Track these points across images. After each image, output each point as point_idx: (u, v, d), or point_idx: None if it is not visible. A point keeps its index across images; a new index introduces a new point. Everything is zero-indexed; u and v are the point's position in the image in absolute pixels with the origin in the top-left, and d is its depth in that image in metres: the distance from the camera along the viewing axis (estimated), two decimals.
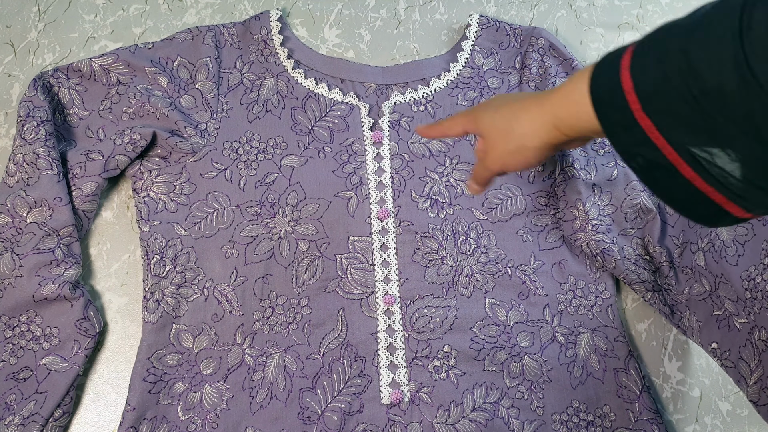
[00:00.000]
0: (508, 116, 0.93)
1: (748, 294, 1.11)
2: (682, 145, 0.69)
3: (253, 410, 1.20)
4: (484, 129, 0.98)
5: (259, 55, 1.43)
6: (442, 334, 1.26)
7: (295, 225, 1.30)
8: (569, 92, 0.82)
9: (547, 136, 0.89)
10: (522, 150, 0.93)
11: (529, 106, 0.90)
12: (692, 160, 0.69)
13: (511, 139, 0.93)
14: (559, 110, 0.85)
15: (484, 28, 1.50)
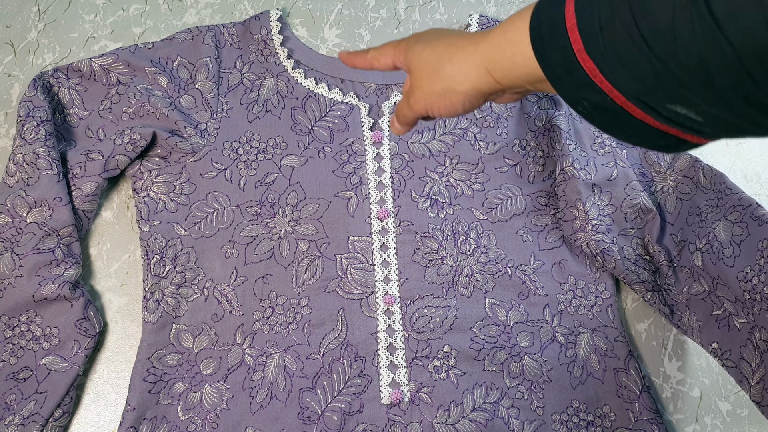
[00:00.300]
0: (440, 53, 0.84)
1: (747, 295, 1.11)
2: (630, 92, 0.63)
3: (253, 410, 1.20)
4: (412, 63, 0.90)
5: (259, 55, 1.44)
6: (442, 334, 1.26)
7: (295, 225, 1.31)
8: (506, 30, 0.75)
9: (478, 81, 0.80)
10: (448, 93, 0.84)
11: (464, 44, 0.81)
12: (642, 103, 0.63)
13: (438, 79, 0.84)
14: (493, 51, 0.77)
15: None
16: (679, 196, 1.33)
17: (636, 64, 0.60)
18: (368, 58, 1.00)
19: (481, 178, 1.37)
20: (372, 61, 1.00)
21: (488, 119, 1.41)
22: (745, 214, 1.20)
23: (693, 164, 1.36)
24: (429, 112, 0.90)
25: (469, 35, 0.83)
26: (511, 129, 1.42)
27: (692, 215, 1.29)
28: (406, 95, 0.94)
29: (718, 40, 0.53)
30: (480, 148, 1.39)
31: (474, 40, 0.80)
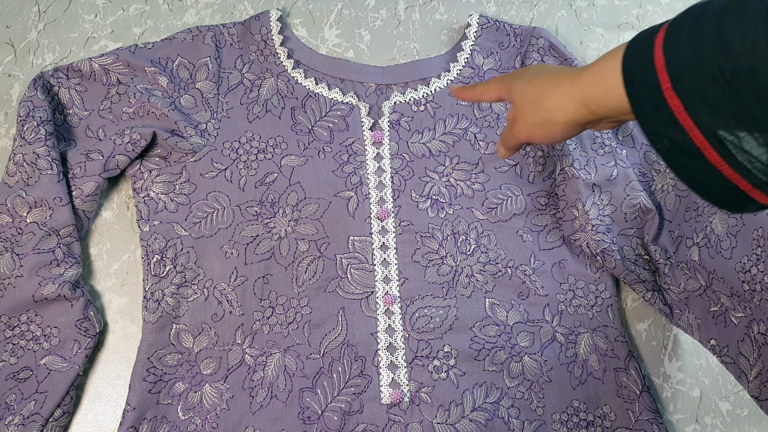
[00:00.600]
0: (539, 88, 0.93)
1: (746, 286, 1.11)
2: (710, 129, 0.68)
3: (253, 410, 1.20)
4: (515, 97, 0.99)
5: (259, 55, 1.44)
6: (442, 334, 1.26)
7: (295, 225, 1.30)
8: (600, 69, 0.82)
9: (574, 113, 0.89)
10: (548, 124, 0.93)
11: (562, 81, 0.90)
12: (719, 145, 0.68)
13: (539, 112, 0.93)
14: (588, 87, 0.85)
15: (484, 28, 1.50)
16: (678, 194, 1.33)
17: (718, 100, 0.65)
18: (476, 92, 1.11)
19: (481, 178, 1.37)
20: (479, 95, 1.11)
21: (488, 119, 1.41)
22: None
23: None
24: (530, 140, 1.01)
25: (566, 72, 0.91)
26: None
27: (689, 210, 1.29)
28: (510, 124, 1.04)
29: None
30: (480, 148, 1.39)
31: (570, 77, 0.88)
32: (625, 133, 1.41)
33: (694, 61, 0.67)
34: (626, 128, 1.41)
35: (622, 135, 1.41)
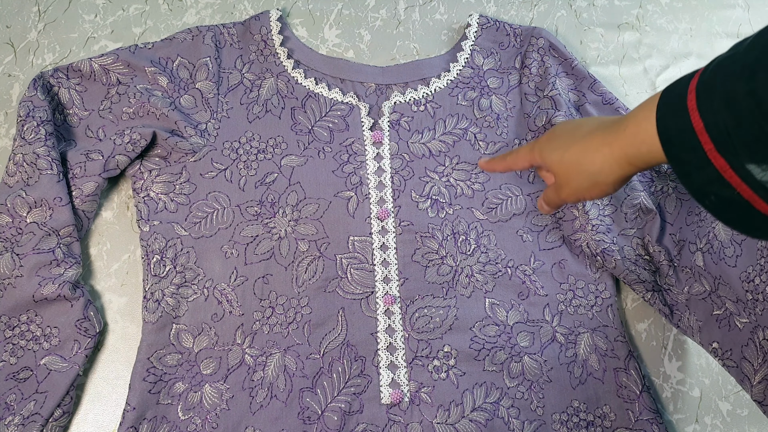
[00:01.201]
0: (578, 156, 0.97)
1: (749, 296, 1.11)
2: (757, 182, 0.69)
3: (253, 410, 1.20)
4: (554, 167, 1.03)
5: (259, 55, 1.44)
6: (442, 334, 1.26)
7: (295, 225, 1.30)
8: (637, 131, 0.85)
9: (620, 171, 0.92)
10: (598, 185, 0.97)
11: (599, 146, 0.93)
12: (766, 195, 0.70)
13: (585, 178, 0.97)
14: (629, 149, 0.87)
15: (484, 28, 1.50)
16: (678, 196, 1.33)
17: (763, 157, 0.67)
18: (507, 163, 1.18)
19: (481, 178, 1.37)
20: (511, 165, 1.18)
21: (488, 119, 1.42)
22: None
23: None
24: (580, 200, 1.05)
25: (600, 134, 0.94)
26: (511, 129, 1.42)
27: (691, 215, 1.29)
28: (555, 189, 1.08)
29: None
30: (480, 148, 1.39)
31: (607, 140, 0.92)
32: None
33: (735, 124, 0.68)
34: None
35: None
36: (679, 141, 0.76)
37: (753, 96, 0.66)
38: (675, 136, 0.77)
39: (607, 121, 0.96)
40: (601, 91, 1.44)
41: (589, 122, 1.01)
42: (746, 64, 0.68)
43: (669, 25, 1.61)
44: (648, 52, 1.58)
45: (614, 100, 1.43)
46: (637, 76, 1.56)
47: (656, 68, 1.57)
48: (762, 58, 0.67)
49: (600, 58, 1.57)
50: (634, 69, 1.56)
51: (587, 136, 0.97)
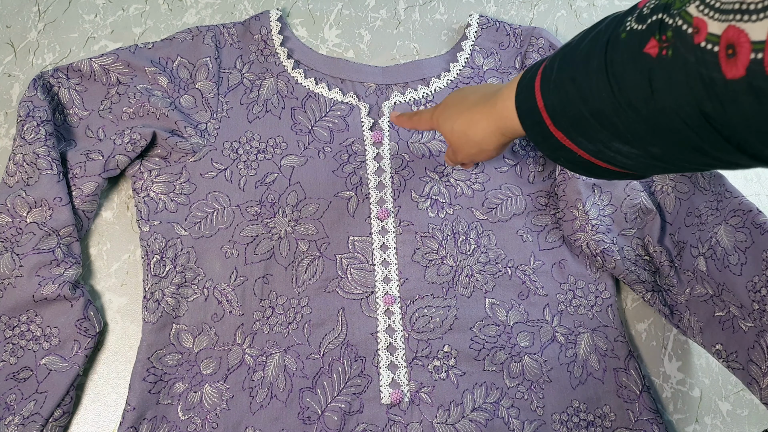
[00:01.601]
0: (464, 128, 1.09)
1: (756, 305, 1.11)
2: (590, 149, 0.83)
3: (253, 410, 1.20)
4: (446, 136, 1.15)
5: (259, 55, 1.44)
6: (442, 334, 1.26)
7: (295, 225, 1.31)
8: (504, 108, 0.98)
9: (497, 140, 1.05)
10: (482, 151, 1.11)
11: (479, 120, 1.05)
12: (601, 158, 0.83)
13: (473, 145, 1.10)
14: (498, 122, 1.01)
15: (484, 28, 1.50)
16: (678, 196, 1.33)
17: (587, 130, 0.80)
18: (412, 122, 1.26)
19: (481, 178, 1.37)
20: (415, 125, 1.26)
21: None
22: (746, 220, 1.20)
23: None
24: (473, 161, 1.19)
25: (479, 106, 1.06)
26: None
27: (690, 216, 1.29)
28: (453, 152, 1.20)
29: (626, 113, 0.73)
30: None
31: (485, 114, 1.04)
32: None
33: (563, 104, 0.82)
34: None
35: None
36: (530, 116, 0.90)
37: (574, 82, 0.79)
38: (526, 112, 0.91)
39: (487, 93, 1.07)
40: None
41: (475, 92, 1.11)
42: (574, 55, 0.81)
43: None
44: None
45: None
46: None
47: None
48: (584, 54, 0.78)
49: None
50: None
51: (471, 109, 1.08)
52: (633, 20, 0.72)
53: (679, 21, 0.64)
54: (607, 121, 0.75)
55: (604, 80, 0.73)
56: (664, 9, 0.67)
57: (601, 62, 0.74)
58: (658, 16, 0.68)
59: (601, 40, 0.76)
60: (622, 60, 0.71)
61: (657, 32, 0.67)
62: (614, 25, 0.75)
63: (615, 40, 0.73)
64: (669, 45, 0.65)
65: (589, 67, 0.76)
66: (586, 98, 0.77)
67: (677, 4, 0.66)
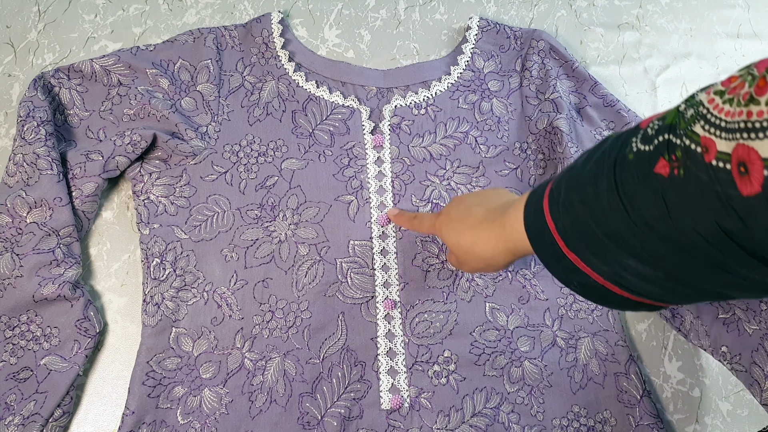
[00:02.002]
0: (471, 243, 1.06)
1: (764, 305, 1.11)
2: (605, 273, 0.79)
3: (252, 415, 1.20)
4: (452, 248, 1.11)
5: (260, 58, 1.44)
6: (442, 339, 1.26)
7: (295, 228, 1.31)
8: (512, 231, 0.96)
9: (507, 258, 1.03)
10: (491, 267, 1.07)
11: (488, 240, 1.03)
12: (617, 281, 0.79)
13: (480, 261, 1.07)
14: (509, 244, 0.99)
15: (485, 30, 1.50)
16: None
17: (602, 250, 0.77)
18: (413, 224, 1.25)
19: (482, 181, 1.37)
20: (416, 228, 1.25)
21: (489, 122, 1.42)
22: None
23: None
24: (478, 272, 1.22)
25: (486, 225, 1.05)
26: (512, 132, 1.42)
27: None
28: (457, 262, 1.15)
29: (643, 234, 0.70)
30: (481, 152, 1.39)
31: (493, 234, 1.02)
32: None
33: (575, 226, 0.80)
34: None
35: None
36: (541, 237, 0.87)
37: (584, 204, 0.77)
38: (536, 234, 0.88)
39: (493, 209, 1.05)
40: (602, 94, 1.44)
41: (479, 205, 1.10)
42: (580, 176, 0.80)
43: (669, 25, 1.61)
44: (648, 52, 1.58)
45: (615, 102, 1.43)
46: (637, 76, 1.56)
47: (656, 68, 1.57)
48: (591, 175, 0.78)
49: (600, 58, 1.57)
50: (634, 69, 1.56)
51: (478, 226, 1.06)
52: (638, 141, 0.72)
53: (686, 141, 0.64)
54: (624, 241, 0.74)
55: (616, 201, 0.73)
56: (670, 129, 0.68)
57: (611, 183, 0.74)
58: (665, 137, 0.68)
59: (608, 161, 0.76)
60: (632, 181, 0.71)
61: (666, 152, 0.67)
62: (619, 146, 0.75)
63: (623, 161, 0.73)
64: (680, 164, 0.65)
65: (598, 188, 0.76)
66: (599, 219, 0.76)
67: (682, 125, 0.66)
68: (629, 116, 1.43)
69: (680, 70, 1.57)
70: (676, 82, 1.55)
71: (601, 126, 1.42)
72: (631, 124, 1.41)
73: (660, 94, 1.54)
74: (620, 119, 1.43)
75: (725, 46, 1.60)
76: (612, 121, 1.43)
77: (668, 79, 1.55)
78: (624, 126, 1.43)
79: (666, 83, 1.55)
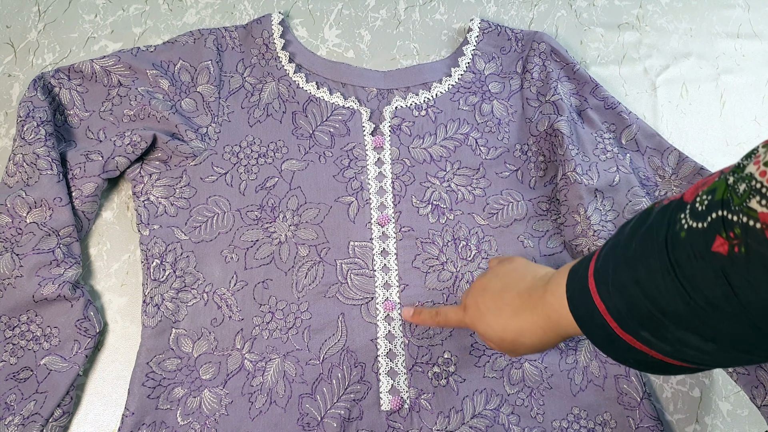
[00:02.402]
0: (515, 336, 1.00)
1: None
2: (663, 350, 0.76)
3: (252, 416, 1.20)
4: (494, 343, 1.05)
5: (261, 59, 1.44)
6: (442, 341, 1.26)
7: (295, 230, 1.31)
8: (558, 315, 0.91)
9: (551, 341, 0.97)
10: (542, 350, 1.00)
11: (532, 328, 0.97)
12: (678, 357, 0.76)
13: (528, 349, 1.00)
14: (559, 329, 0.93)
15: (486, 32, 1.50)
16: None
17: (659, 330, 0.74)
18: (437, 320, 1.18)
19: (482, 183, 1.37)
20: (441, 324, 1.19)
21: (489, 124, 1.42)
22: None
23: (699, 171, 1.38)
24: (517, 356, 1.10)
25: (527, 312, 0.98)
26: (512, 134, 1.42)
27: None
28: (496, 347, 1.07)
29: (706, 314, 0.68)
30: (481, 153, 1.39)
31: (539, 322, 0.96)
32: (629, 137, 1.41)
33: (628, 307, 0.76)
34: (630, 132, 1.41)
35: (626, 139, 1.41)
36: (589, 319, 0.83)
37: (638, 284, 0.74)
38: (584, 316, 0.85)
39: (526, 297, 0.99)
40: (603, 96, 1.44)
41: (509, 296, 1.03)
42: (627, 256, 0.77)
43: (669, 25, 1.61)
44: (648, 52, 1.58)
45: (616, 104, 1.43)
46: (637, 76, 1.56)
47: (656, 68, 1.57)
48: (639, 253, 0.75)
49: (600, 58, 1.57)
50: (634, 69, 1.56)
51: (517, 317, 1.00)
52: (688, 217, 0.70)
53: (744, 218, 0.62)
54: (685, 321, 0.71)
55: (673, 281, 0.70)
56: (723, 205, 0.66)
57: (664, 263, 0.71)
58: (719, 213, 0.66)
59: (657, 239, 0.73)
60: (689, 260, 0.68)
61: (722, 230, 0.65)
62: (667, 223, 0.73)
63: (675, 239, 0.71)
64: (740, 242, 0.63)
65: (650, 268, 0.73)
66: (655, 300, 0.73)
67: (736, 200, 0.64)
68: (630, 119, 1.43)
69: (680, 70, 1.57)
70: (676, 82, 1.55)
71: (602, 128, 1.42)
72: (632, 126, 1.41)
73: (660, 94, 1.54)
74: (621, 122, 1.43)
75: (725, 46, 1.60)
76: (613, 124, 1.43)
77: (668, 79, 1.55)
78: (624, 128, 1.42)
79: (666, 83, 1.55)
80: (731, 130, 1.51)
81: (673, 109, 1.52)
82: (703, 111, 1.53)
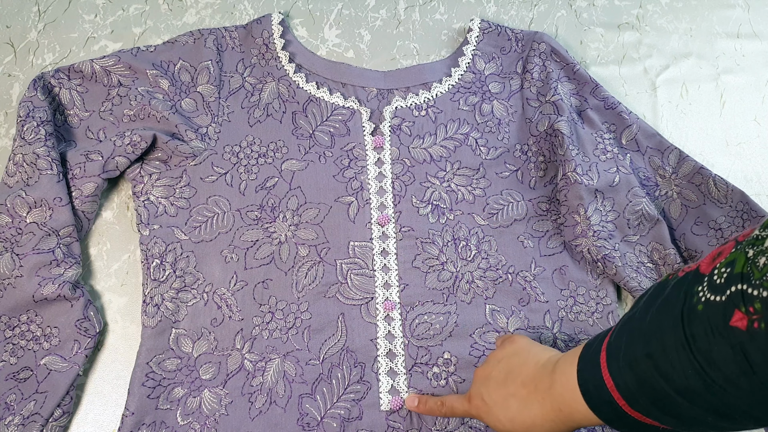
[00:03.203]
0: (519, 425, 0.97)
1: None
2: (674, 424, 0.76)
3: (252, 416, 1.20)
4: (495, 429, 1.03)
5: (261, 59, 1.44)
6: (442, 341, 1.26)
7: (295, 230, 1.31)
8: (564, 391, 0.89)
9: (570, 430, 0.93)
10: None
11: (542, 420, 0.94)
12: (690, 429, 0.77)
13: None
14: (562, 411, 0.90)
15: (486, 32, 1.50)
16: (683, 203, 1.34)
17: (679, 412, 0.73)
18: (443, 410, 1.15)
19: (482, 183, 1.37)
20: (446, 414, 1.16)
21: (489, 124, 1.42)
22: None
23: (699, 170, 1.37)
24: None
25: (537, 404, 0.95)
26: (512, 134, 1.42)
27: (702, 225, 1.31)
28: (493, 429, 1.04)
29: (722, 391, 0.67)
30: (481, 153, 1.39)
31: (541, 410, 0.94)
32: (629, 137, 1.41)
33: (639, 384, 0.75)
34: (630, 132, 1.42)
35: (627, 139, 1.41)
36: (598, 397, 0.82)
37: (650, 359, 0.73)
38: (593, 393, 0.83)
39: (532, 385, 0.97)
40: (603, 96, 1.44)
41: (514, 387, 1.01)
42: (642, 329, 0.76)
43: (669, 25, 1.61)
44: (648, 52, 1.58)
45: (616, 105, 1.43)
46: (637, 76, 1.56)
47: (656, 68, 1.57)
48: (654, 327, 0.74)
49: (600, 58, 1.57)
50: (634, 69, 1.56)
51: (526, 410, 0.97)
52: (706, 290, 0.68)
53: (764, 292, 0.61)
54: (700, 398, 0.70)
55: (687, 356, 0.69)
56: (742, 279, 0.64)
57: (679, 337, 0.70)
58: (738, 287, 0.64)
59: (673, 312, 0.72)
60: (705, 335, 0.67)
61: (741, 304, 0.63)
62: (683, 295, 0.72)
63: (691, 312, 0.69)
64: (759, 317, 0.61)
65: (664, 342, 0.72)
66: (669, 376, 0.71)
67: (756, 274, 0.62)
68: (630, 119, 1.43)
69: (680, 70, 1.57)
70: (676, 82, 1.55)
71: (602, 129, 1.42)
72: (633, 126, 1.41)
73: (660, 94, 1.54)
74: (621, 122, 1.43)
75: (725, 46, 1.60)
76: (613, 124, 1.43)
77: (668, 79, 1.55)
78: (624, 128, 1.42)
79: (666, 83, 1.55)
80: (731, 130, 1.51)
81: (673, 109, 1.52)
82: (703, 111, 1.53)
